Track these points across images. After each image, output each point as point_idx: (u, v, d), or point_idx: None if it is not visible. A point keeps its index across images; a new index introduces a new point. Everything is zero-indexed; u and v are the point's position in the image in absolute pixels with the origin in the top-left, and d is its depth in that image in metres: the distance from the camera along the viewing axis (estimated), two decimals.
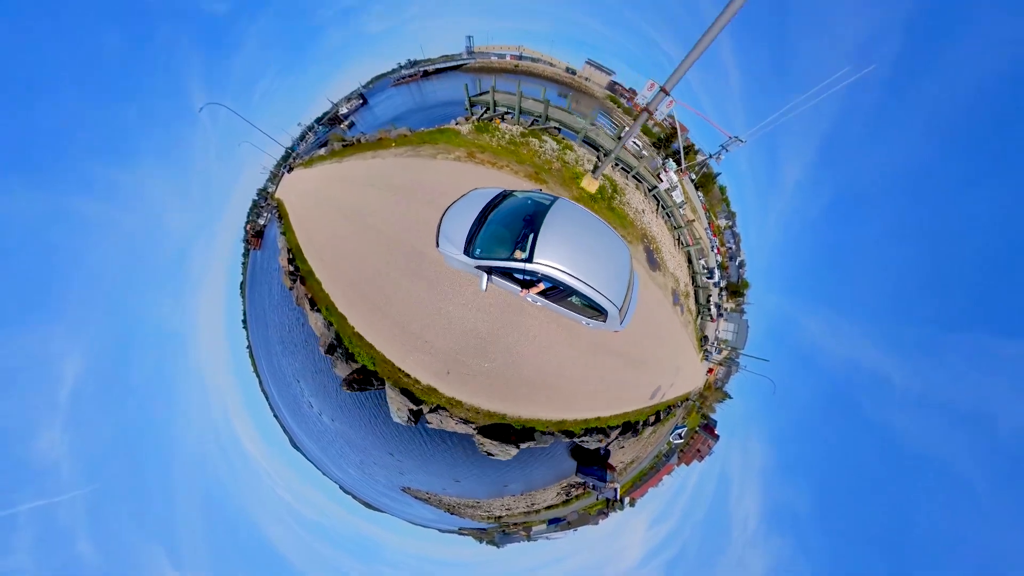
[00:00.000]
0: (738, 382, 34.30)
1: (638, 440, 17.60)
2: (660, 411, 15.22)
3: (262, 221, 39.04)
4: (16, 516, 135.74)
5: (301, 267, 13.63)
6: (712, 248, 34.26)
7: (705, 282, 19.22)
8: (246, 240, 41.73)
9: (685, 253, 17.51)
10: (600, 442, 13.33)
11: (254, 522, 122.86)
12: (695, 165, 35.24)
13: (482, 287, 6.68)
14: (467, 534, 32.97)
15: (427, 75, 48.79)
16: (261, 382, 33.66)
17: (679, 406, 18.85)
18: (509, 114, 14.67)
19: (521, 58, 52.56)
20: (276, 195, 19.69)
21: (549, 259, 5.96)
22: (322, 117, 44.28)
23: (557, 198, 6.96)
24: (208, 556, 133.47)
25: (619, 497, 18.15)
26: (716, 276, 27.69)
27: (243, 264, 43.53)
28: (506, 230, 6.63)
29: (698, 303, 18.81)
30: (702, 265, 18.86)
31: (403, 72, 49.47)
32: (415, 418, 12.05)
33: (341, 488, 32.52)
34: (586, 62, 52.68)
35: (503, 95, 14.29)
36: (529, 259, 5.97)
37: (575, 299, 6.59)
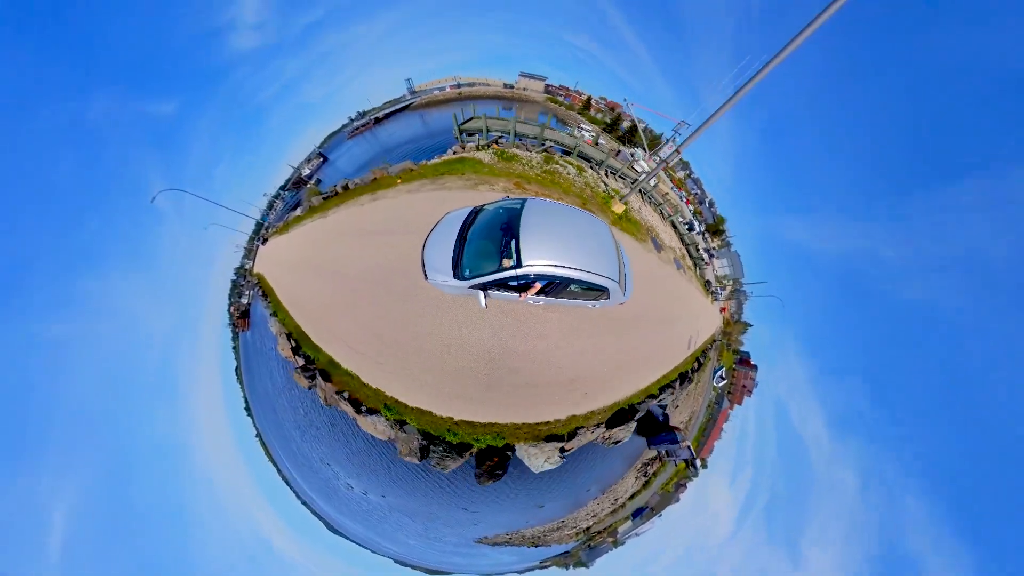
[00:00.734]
0: (752, 310, 35.84)
1: (688, 393, 18.27)
2: (699, 357, 16.00)
3: (245, 300, 37.52)
4: None
5: (315, 357, 11.98)
6: (682, 201, 36.98)
7: (690, 236, 20.72)
8: (232, 323, 39.96)
9: (670, 223, 19.28)
10: (672, 394, 13.56)
11: None
12: (661, 149, 38.50)
13: (482, 305, 6.66)
14: (549, 564, 30.73)
15: (379, 121, 50.13)
16: (280, 470, 31.48)
17: (711, 348, 19.59)
18: (503, 138, 15.11)
19: (459, 86, 55.42)
20: (255, 270, 18.68)
21: (537, 259, 5.96)
22: (286, 183, 43.67)
23: (526, 199, 6.88)
24: None
25: (694, 455, 18.01)
26: (696, 226, 29.63)
27: (234, 348, 41.63)
28: (488, 243, 6.61)
29: (692, 257, 20.12)
30: (681, 222, 20.49)
31: (355, 124, 50.30)
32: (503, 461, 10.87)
33: (395, 561, 30.31)
34: (520, 75, 57.16)
35: (495, 120, 14.89)
36: (518, 264, 5.97)
37: (574, 287, 6.54)
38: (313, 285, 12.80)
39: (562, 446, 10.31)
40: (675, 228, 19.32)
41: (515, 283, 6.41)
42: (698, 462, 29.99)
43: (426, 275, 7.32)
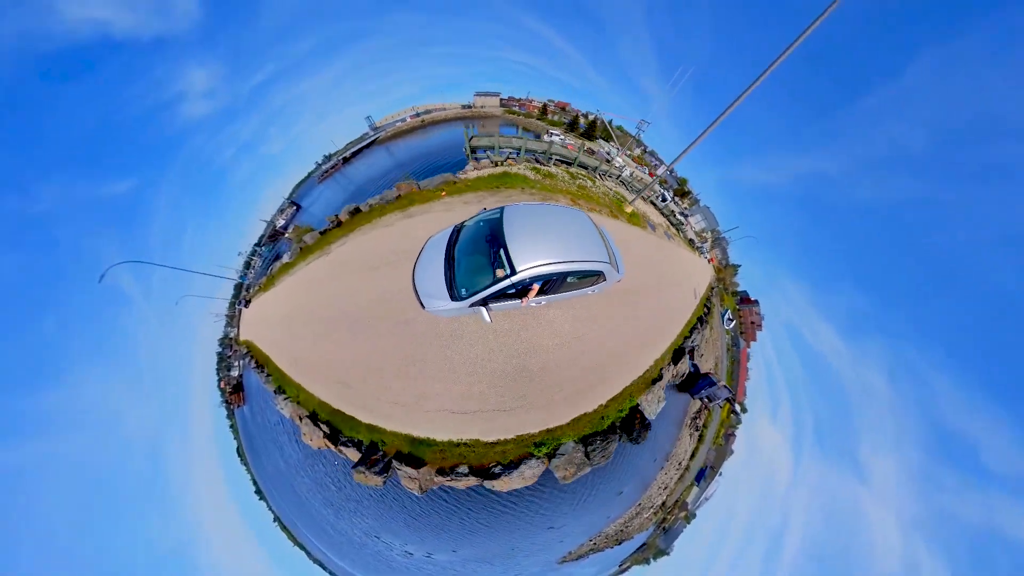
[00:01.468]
0: (736, 252, 40.09)
1: (706, 340, 19.69)
2: (705, 303, 17.75)
3: (235, 373, 34.47)
4: None
5: (372, 439, 9.59)
6: (646, 173, 39.64)
7: (666, 206, 23.52)
8: (225, 400, 36.44)
9: (651, 203, 22.03)
10: (699, 332, 15.26)
11: None
12: (631, 145, 47.29)
13: (486, 320, 6.60)
14: (628, 565, 29.34)
15: (347, 161, 49.36)
16: (310, 553, 27.92)
17: (712, 295, 21.78)
18: (515, 154, 16.51)
19: (418, 115, 56.72)
20: (241, 338, 16.54)
21: (528, 261, 5.96)
22: (261, 238, 41.19)
23: (503, 207, 6.81)
24: None
25: (732, 393, 19.08)
26: (667, 196, 32.70)
27: (231, 427, 37.94)
28: (477, 258, 6.58)
29: (673, 224, 22.65)
30: (656, 198, 23.67)
31: (323, 168, 49.21)
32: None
33: None
34: (475, 94, 60.71)
35: (504, 139, 16.90)
36: (512, 272, 5.96)
37: (570, 278, 6.58)
38: (321, 341, 10.66)
39: (660, 384, 10.56)
40: (655, 206, 22.37)
41: (513, 290, 6.32)
42: (737, 406, 32.71)
43: (423, 304, 7.13)
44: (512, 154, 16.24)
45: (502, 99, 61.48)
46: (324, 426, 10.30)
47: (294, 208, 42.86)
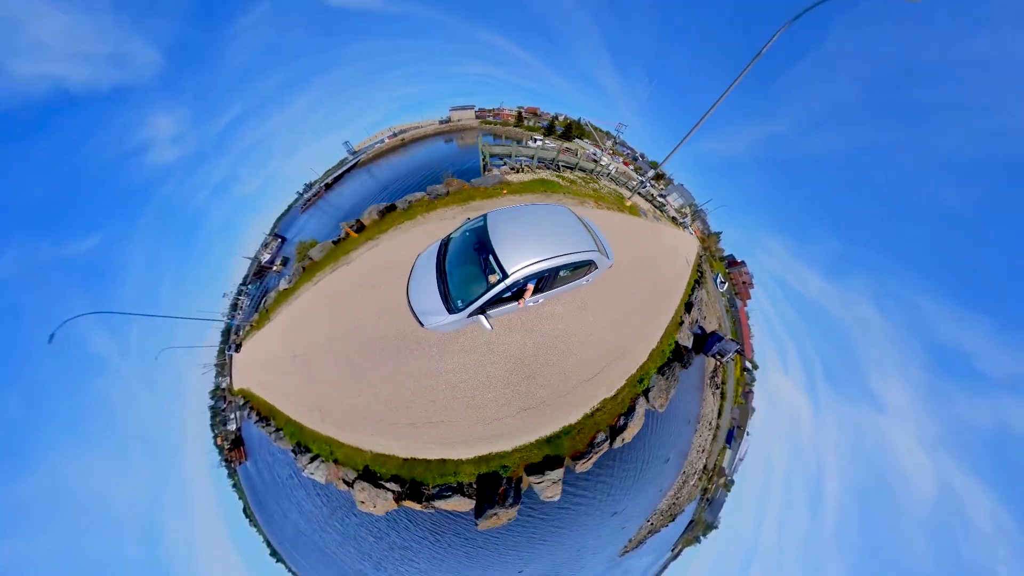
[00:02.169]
0: (714, 221, 46.22)
1: (705, 303, 20.88)
2: (697, 269, 19.30)
3: (233, 426, 31.50)
4: None
5: (455, 479, 8.11)
6: (620, 163, 42.59)
7: (647, 192, 25.05)
8: (225, 458, 33.17)
9: (638, 194, 23.24)
10: (701, 289, 17.59)
11: None
12: (610, 145, 52.33)
13: (488, 328, 6.66)
14: (680, 548, 30.04)
15: (329, 187, 47.69)
16: None
17: (702, 264, 23.43)
18: (528, 162, 17.77)
19: (396, 134, 56.44)
20: (235, 387, 14.48)
21: (518, 263, 5.97)
22: (247, 276, 38.60)
23: (486, 214, 6.82)
24: None
25: (740, 344, 19.14)
26: (646, 183, 34.82)
27: (235, 487, 34.58)
28: (468, 268, 6.57)
29: (657, 207, 24.61)
30: (640, 188, 24.08)
31: (305, 197, 47.40)
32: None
33: None
34: (451, 109, 62.17)
35: (523, 148, 18.88)
36: (504, 276, 5.96)
37: (563, 273, 6.58)
38: (345, 379, 8.91)
39: (684, 325, 12.48)
40: (640, 195, 23.71)
41: (508, 293, 6.34)
42: (748, 364, 35.66)
43: (421, 323, 7.05)
44: (526, 161, 17.44)
45: (476, 111, 63.12)
46: (392, 484, 8.26)
47: (279, 240, 40.70)
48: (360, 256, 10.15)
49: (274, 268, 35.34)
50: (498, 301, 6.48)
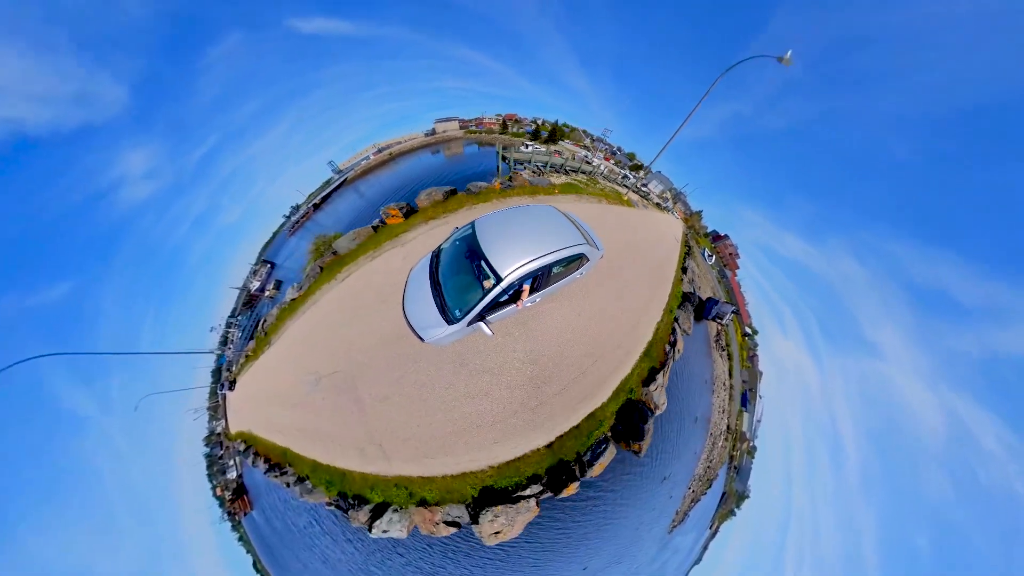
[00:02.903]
0: (695, 201, 47.95)
1: (697, 276, 22.62)
2: (685, 244, 20.57)
3: (233, 475, 28.46)
4: None
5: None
6: (606, 159, 44.47)
7: (634, 185, 26.57)
8: (227, 511, 29.85)
9: (624, 187, 24.55)
10: (691, 260, 19.49)
11: None
12: (593, 143, 54.63)
13: (489, 334, 6.52)
14: (717, 525, 29.86)
15: (317, 207, 45.81)
16: None
17: (689, 241, 24.67)
18: (540, 167, 19.99)
19: (381, 150, 55.82)
20: (232, 431, 12.45)
21: (511, 265, 5.92)
22: (236, 307, 35.82)
23: (473, 221, 6.79)
24: None
25: (735, 305, 22.05)
26: (629, 176, 35.63)
27: (240, 540, 31.17)
28: (462, 276, 6.53)
29: (642, 196, 25.85)
30: (628, 182, 25.52)
31: (293, 219, 45.38)
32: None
33: None
34: (435, 121, 62.89)
35: (540, 154, 20.44)
36: (498, 280, 5.90)
37: (556, 269, 6.58)
38: (391, 390, 7.55)
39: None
40: (627, 188, 25.02)
41: (505, 297, 6.28)
42: (748, 329, 37.03)
43: (421, 337, 6.92)
44: (540, 166, 20.28)
45: (460, 122, 64.05)
46: (533, 487, 7.55)
47: (268, 266, 38.27)
48: (415, 238, 8.39)
49: (266, 294, 32.87)
50: (496, 305, 6.43)
